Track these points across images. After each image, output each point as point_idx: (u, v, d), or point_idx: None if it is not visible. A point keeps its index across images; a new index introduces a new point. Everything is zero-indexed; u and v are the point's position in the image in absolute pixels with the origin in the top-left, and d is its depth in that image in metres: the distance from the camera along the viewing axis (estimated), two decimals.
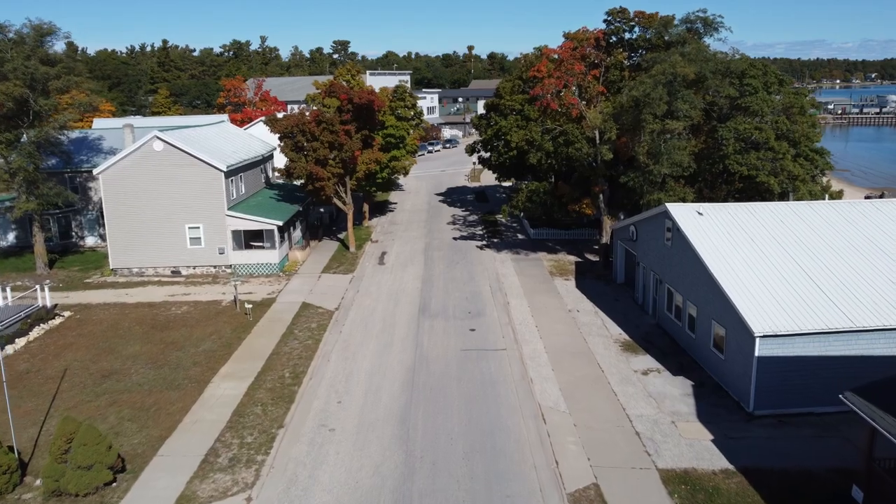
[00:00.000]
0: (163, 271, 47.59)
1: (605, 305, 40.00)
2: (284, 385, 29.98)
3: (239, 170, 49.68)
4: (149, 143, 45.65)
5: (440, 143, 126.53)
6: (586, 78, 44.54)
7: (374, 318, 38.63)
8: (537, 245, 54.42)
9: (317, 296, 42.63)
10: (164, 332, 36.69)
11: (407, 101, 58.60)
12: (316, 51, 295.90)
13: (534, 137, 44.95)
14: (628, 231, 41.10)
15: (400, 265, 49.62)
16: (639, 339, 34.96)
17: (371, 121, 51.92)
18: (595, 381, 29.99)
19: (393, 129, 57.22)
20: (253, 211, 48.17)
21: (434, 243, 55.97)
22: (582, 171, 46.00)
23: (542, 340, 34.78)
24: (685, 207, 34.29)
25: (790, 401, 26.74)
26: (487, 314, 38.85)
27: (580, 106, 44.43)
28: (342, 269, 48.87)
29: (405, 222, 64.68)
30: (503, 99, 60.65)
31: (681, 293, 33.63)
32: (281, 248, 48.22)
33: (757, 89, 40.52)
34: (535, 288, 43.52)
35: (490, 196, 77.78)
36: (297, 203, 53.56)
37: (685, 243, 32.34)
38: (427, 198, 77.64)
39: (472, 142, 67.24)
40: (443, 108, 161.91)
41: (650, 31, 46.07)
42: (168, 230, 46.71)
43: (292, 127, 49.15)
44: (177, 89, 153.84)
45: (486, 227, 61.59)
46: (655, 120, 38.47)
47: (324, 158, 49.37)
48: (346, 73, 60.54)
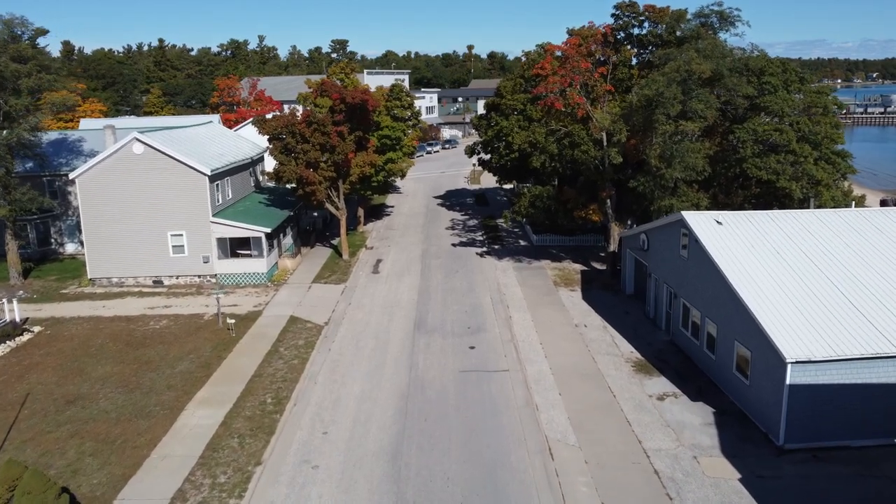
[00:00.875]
0: (144, 281, 44.91)
1: (614, 319, 37.31)
2: (265, 413, 27.29)
3: (225, 173, 47.00)
4: (128, 146, 42.97)
5: (439, 143, 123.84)
6: (593, 76, 41.85)
7: (366, 334, 35.94)
8: (540, 252, 51.73)
9: (306, 308, 39.94)
10: (140, 349, 34.00)
11: (403, 100, 55.92)
12: (315, 50, 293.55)
13: (537, 139, 42.27)
14: (639, 240, 38.42)
15: (395, 274, 46.94)
16: (652, 357, 32.28)
17: (365, 121, 49.25)
18: (606, 408, 27.31)
19: (389, 130, 54.54)
20: (240, 217, 45.49)
21: (432, 250, 53.28)
22: (588, 174, 43.31)
23: (547, 360, 32.09)
24: (703, 216, 31.60)
25: (825, 433, 24.07)
26: (488, 330, 36.17)
27: (586, 106, 41.73)
28: (334, 278, 46.17)
29: (402, 227, 61.99)
30: (504, 98, 57.95)
31: (698, 309, 30.94)
32: (269, 257, 45.53)
33: (777, 88, 37.85)
34: (539, 300, 40.83)
35: (490, 199, 75.10)
36: (288, 208, 50.89)
37: (703, 256, 29.66)
38: (425, 201, 74.97)
39: (472, 143, 64.53)
40: (442, 108, 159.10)
41: (661, 27, 43.40)
42: (149, 238, 44.04)
43: (281, 128, 46.47)
44: (171, 89, 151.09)
45: (486, 232, 58.91)
46: (668, 121, 35.79)
47: (315, 161, 46.69)
48: (339, 71, 57.86)
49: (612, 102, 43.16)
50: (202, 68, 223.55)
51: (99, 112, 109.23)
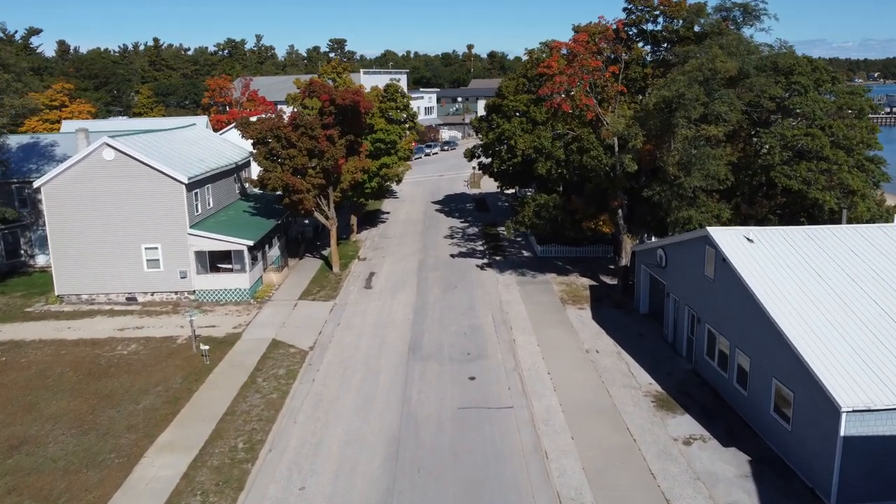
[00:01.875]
0: (116, 298, 41.42)
1: (628, 343, 33.85)
2: (235, 461, 23.81)
3: (206, 180, 43.50)
4: (98, 152, 39.49)
5: (438, 145, 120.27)
6: (603, 75, 38.38)
7: (354, 360, 32.45)
8: (545, 264, 48.23)
9: (290, 330, 36.47)
10: (102, 380, 30.52)
11: (399, 101, 52.43)
12: (313, 50, 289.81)
13: (543, 144, 38.78)
14: (655, 255, 34.95)
15: (389, 289, 43.46)
16: (673, 390, 28.83)
17: (357, 124, 45.75)
18: (626, 456, 23.83)
19: (383, 133, 51.04)
20: (221, 228, 41.99)
21: (429, 261, 49.80)
22: (598, 182, 39.82)
23: (556, 393, 28.61)
24: (731, 232, 28.11)
25: (886, 492, 20.62)
26: (490, 356, 32.69)
27: (596, 108, 38.27)
28: (323, 294, 42.67)
29: (398, 235, 58.50)
30: (506, 99, 54.49)
31: (726, 337, 27.47)
32: (252, 271, 42.04)
33: (807, 88, 34.37)
34: (545, 319, 37.36)
35: (491, 205, 71.59)
36: (275, 217, 47.39)
37: (733, 278, 26.21)
38: (423, 206, 71.45)
39: (472, 146, 61.05)
40: (441, 109, 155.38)
41: (677, 22, 39.92)
42: (122, 251, 40.56)
43: (266, 132, 42.97)
44: (164, 89, 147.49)
45: (487, 241, 55.42)
46: (689, 125, 32.33)
47: (302, 167, 43.20)
48: (330, 70, 54.38)
49: (625, 104, 39.70)
50: (198, 68, 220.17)
51: (87, 113, 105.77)
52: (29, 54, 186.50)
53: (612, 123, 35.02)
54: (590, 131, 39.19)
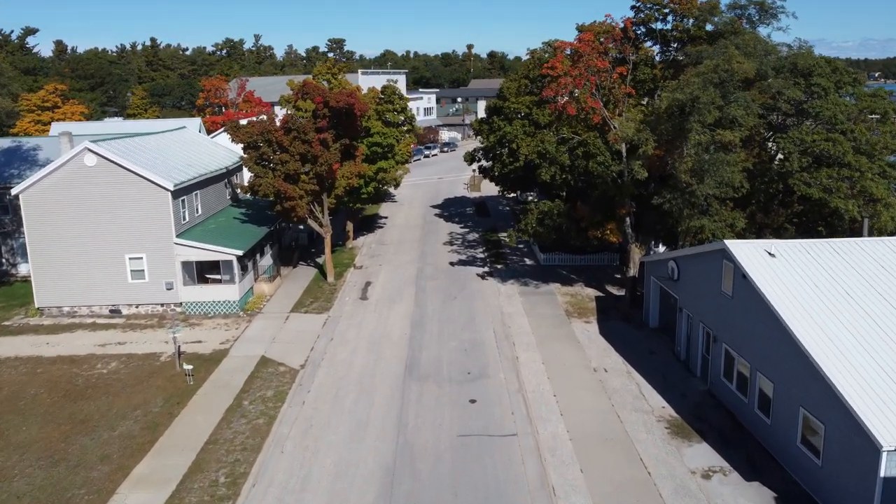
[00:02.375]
0: (99, 311, 39.50)
1: (638, 361, 31.94)
2: (215, 498, 21.88)
3: (194, 186, 41.56)
4: (79, 157, 37.58)
5: (437, 146, 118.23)
6: (610, 77, 36.43)
7: (347, 380, 30.52)
8: (548, 273, 46.29)
9: (280, 346, 34.55)
10: (78, 402, 28.60)
11: (396, 103, 50.48)
12: (312, 50, 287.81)
13: (547, 149, 36.83)
14: (666, 267, 33.03)
15: (386, 300, 41.53)
16: (689, 414, 26.92)
17: (352, 128, 43.82)
18: (641, 492, 21.91)
19: (379, 136, 49.09)
20: (209, 237, 40.07)
21: (427, 270, 47.85)
22: (605, 189, 37.89)
23: (563, 419, 26.69)
24: (751, 246, 26.18)
25: None
26: (492, 375, 30.76)
27: (602, 111, 36.34)
28: (316, 306, 40.74)
29: (396, 242, 56.54)
30: (507, 101, 52.53)
31: (747, 359, 25.55)
32: (242, 282, 40.11)
33: (827, 90, 32.43)
34: (550, 334, 35.45)
35: (492, 209, 69.62)
36: (268, 224, 45.46)
37: (754, 296, 24.30)
38: (422, 210, 69.49)
39: (472, 149, 59.11)
40: (441, 109, 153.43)
41: (688, 20, 37.98)
42: (105, 261, 38.64)
43: (256, 136, 41.04)
44: (159, 90, 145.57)
45: (488, 248, 53.48)
46: (704, 130, 30.39)
47: (295, 173, 41.27)
48: (325, 71, 52.41)
49: (633, 107, 37.78)
50: (196, 68, 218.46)
51: (80, 114, 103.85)
52: (25, 54, 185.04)
53: (622, 128, 33.08)
54: (596, 135, 37.27)
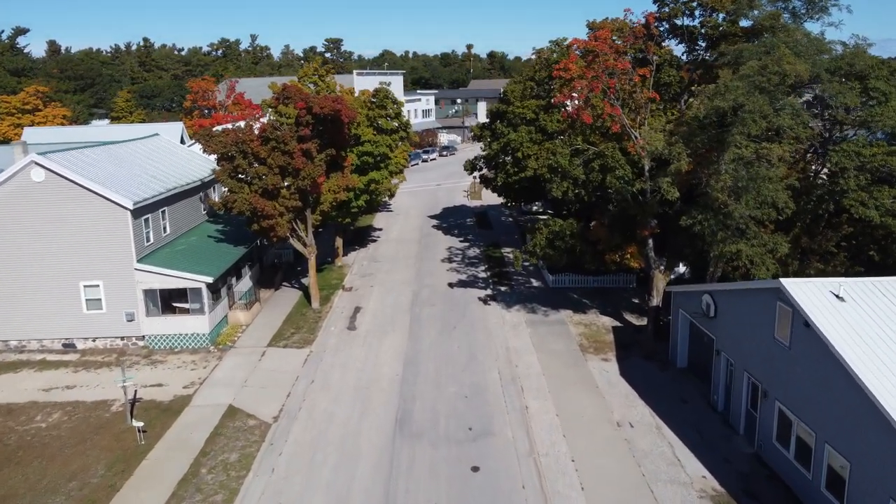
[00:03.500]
0: (51, 345, 34.89)
1: (668, 412, 27.32)
2: None
3: (160, 203, 36.94)
4: (25, 172, 32.96)
5: (436, 150, 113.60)
6: (631, 79, 31.82)
7: (327, 439, 25.88)
8: (558, 297, 41.65)
9: (252, 392, 29.91)
10: (4, 470, 23.98)
11: (389, 108, 45.84)
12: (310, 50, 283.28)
13: (559, 163, 32.20)
14: (699, 302, 28.41)
15: (376, 331, 36.91)
16: (736, 487, 22.33)
17: (339, 136, 39.19)
18: None
19: (371, 145, 44.42)
20: (177, 261, 35.44)
21: (424, 293, 43.21)
22: (625, 207, 33.31)
23: (584, 494, 22.07)
24: (813, 287, 21.53)
25: None
26: (497, 432, 26.13)
27: (622, 119, 31.72)
28: (297, 338, 36.11)
29: (390, 259, 51.89)
30: (512, 105, 47.94)
31: (810, 427, 20.93)
32: (213, 312, 35.48)
33: (888, 96, 27.80)
34: (563, 376, 30.83)
35: (494, 220, 64.96)
36: (246, 242, 40.85)
37: (821, 349, 19.72)
38: (419, 222, 64.86)
39: (473, 157, 54.51)
40: (440, 111, 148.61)
41: (719, 15, 33.37)
42: (57, 290, 34.04)
43: (230, 146, 36.41)
44: (149, 91, 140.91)
45: (490, 266, 48.82)
46: (749, 142, 25.77)
47: (274, 188, 36.67)
48: (311, 72, 47.77)
49: (659, 115, 33.20)
50: (190, 69, 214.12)
51: (62, 118, 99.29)
52: (15, 55, 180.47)
53: (650, 141, 28.44)
54: (614, 146, 32.68)
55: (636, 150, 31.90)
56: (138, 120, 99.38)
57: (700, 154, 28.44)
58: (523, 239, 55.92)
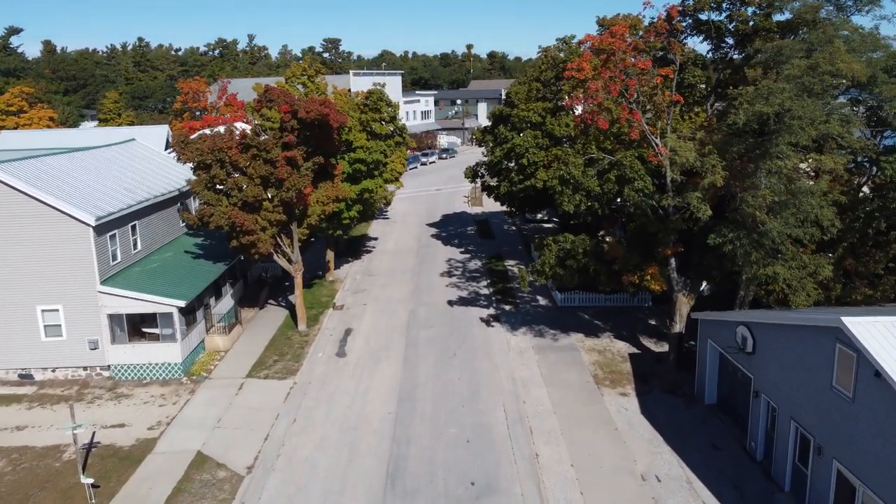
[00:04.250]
0: (6, 376, 31.42)
1: (699, 462, 23.83)
2: None
3: (130, 217, 33.50)
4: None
5: (436, 153, 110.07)
6: (653, 80, 28.33)
7: (307, 497, 22.37)
8: (567, 318, 38.19)
9: (225, 434, 26.42)
10: None
11: (384, 111, 42.35)
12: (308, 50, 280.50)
13: (572, 174, 28.67)
14: (733, 333, 24.94)
15: (368, 358, 33.44)
16: None
17: (327, 143, 35.74)
18: None
19: (363, 151, 40.91)
20: (147, 282, 31.99)
21: (421, 312, 39.74)
22: (644, 223, 29.86)
23: None
24: (881, 327, 18.02)
25: None
26: (503, 488, 22.63)
27: (642, 125, 28.24)
28: (280, 367, 32.64)
29: (385, 272, 48.41)
30: (516, 108, 44.46)
31: (881, 497, 17.42)
32: (187, 339, 32.01)
33: None
34: (578, 414, 27.36)
35: (496, 229, 61.48)
36: (227, 258, 37.40)
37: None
38: (417, 230, 61.37)
39: (474, 164, 51.03)
40: (439, 112, 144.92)
41: (748, 8, 29.88)
42: (11, 315, 30.56)
43: (206, 154, 32.93)
44: (141, 92, 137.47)
45: (493, 282, 45.31)
46: (796, 153, 22.31)
47: (255, 200, 33.19)
48: (300, 73, 44.29)
49: (684, 120, 29.75)
50: (186, 69, 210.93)
51: (48, 119, 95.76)
52: (8, 55, 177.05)
53: (680, 150, 24.90)
54: (633, 155, 29.21)
55: (658, 160, 28.43)
56: (127, 122, 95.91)
57: (732, 165, 24.94)
58: (527, 250, 52.51)
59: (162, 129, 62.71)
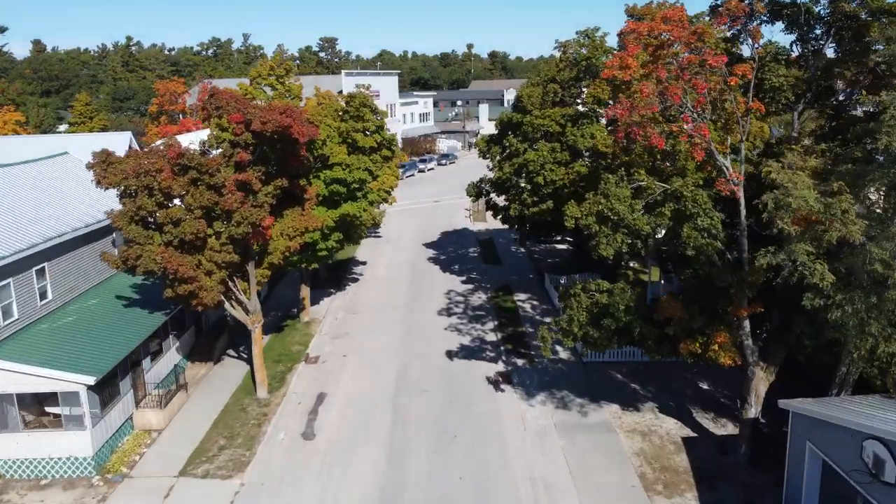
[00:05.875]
0: None
1: None
2: None
3: (30, 261, 25.85)
4: None
5: (435, 158, 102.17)
6: (727, 81, 20.63)
7: None
8: (595, 378, 30.52)
9: None
10: None
11: (368, 119, 34.61)
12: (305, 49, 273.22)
13: (618, 211, 20.98)
14: (853, 445, 17.27)
15: (342, 443, 25.76)
16: None
17: (294, 160, 28.11)
18: None
19: (343, 169, 33.14)
20: (49, 347, 24.37)
21: (413, 369, 32.09)
22: (709, 273, 22.25)
23: None
24: None
25: None
26: None
27: (708, 143, 20.61)
28: (227, 457, 24.93)
29: (372, 309, 40.74)
30: (529, 115, 36.84)
31: None
32: (102, 423, 24.34)
33: None
34: None
35: (502, 250, 53.77)
36: (170, 305, 29.68)
37: None
38: (411, 252, 53.69)
39: (478, 180, 43.34)
40: (439, 114, 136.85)
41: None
42: None
43: (130, 178, 25.23)
44: (121, 93, 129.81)
45: (501, 323, 37.65)
46: None
47: (196, 237, 25.50)
48: (266, 72, 36.57)
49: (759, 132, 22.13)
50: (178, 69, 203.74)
51: (14, 123, 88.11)
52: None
53: (796, 194, 17.08)
54: (696, 183, 21.59)
55: (730, 190, 20.82)
56: (99, 126, 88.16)
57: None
58: (540, 279, 44.89)
59: (124, 137, 54.97)
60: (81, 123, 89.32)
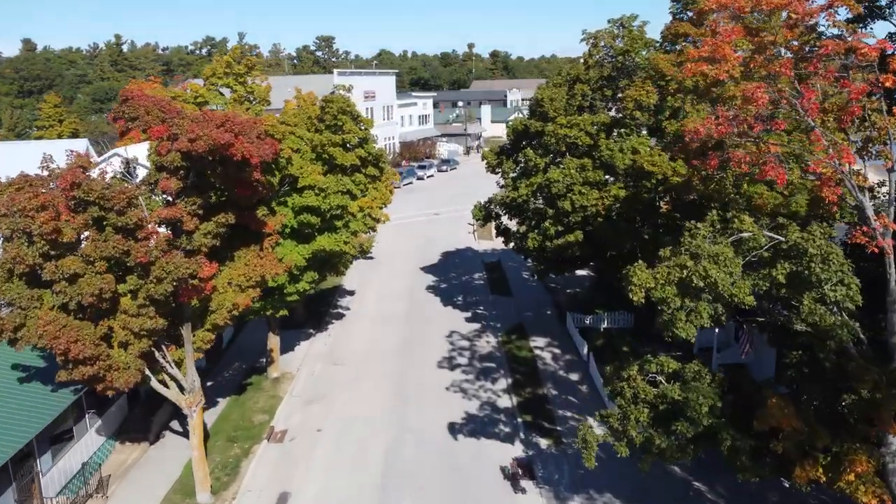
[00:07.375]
0: None
1: None
2: None
3: None
4: None
5: (434, 165, 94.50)
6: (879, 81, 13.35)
7: None
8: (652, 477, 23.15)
9: None
10: None
11: (348, 130, 27.19)
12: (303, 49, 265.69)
13: (714, 279, 13.74)
14: None
15: None
16: None
17: (241, 187, 20.83)
18: None
19: (315, 195, 25.81)
20: None
21: (406, 450, 24.80)
22: (840, 366, 14.97)
23: None
24: None
25: None
26: None
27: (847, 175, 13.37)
28: None
29: (357, 359, 33.46)
30: (551, 123, 29.53)
31: None
32: None
33: None
34: None
35: (512, 276, 46.44)
36: None
37: None
38: (407, 279, 46.35)
39: (486, 201, 35.96)
40: (439, 116, 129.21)
41: None
42: None
43: (8, 219, 17.91)
44: (102, 93, 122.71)
45: (516, 381, 30.32)
46: None
47: (100, 299, 18.18)
48: (221, 69, 29.17)
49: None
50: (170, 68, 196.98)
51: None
52: None
53: None
54: (823, 233, 14.35)
55: (871, 244, 13.63)
56: (68, 131, 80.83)
57: None
58: (560, 316, 37.64)
59: (80, 144, 47.83)
60: (50, 127, 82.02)
